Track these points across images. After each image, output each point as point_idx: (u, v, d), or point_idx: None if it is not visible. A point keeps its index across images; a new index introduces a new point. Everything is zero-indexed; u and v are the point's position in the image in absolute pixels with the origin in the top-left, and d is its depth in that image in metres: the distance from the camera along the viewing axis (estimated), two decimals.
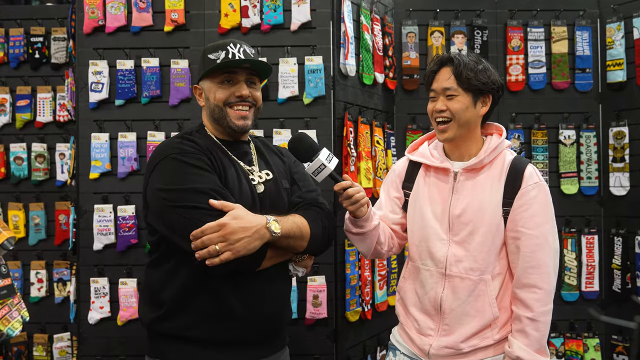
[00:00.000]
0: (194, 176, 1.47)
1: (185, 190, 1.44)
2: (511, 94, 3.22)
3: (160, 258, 1.56)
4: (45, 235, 3.24)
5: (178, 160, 1.49)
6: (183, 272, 1.51)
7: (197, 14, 2.77)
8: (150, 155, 1.60)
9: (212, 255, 1.39)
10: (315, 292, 2.66)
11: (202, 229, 1.39)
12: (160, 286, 1.54)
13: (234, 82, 1.60)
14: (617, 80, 3.12)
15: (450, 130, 1.66)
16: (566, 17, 3.23)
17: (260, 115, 1.74)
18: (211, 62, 1.59)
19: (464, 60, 1.64)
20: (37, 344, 3.18)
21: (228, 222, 1.40)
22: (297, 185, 1.73)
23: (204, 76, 1.63)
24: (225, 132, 1.65)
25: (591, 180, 3.18)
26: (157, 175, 1.50)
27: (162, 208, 1.47)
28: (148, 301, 1.59)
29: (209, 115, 1.65)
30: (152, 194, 1.50)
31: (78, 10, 2.80)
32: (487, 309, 1.62)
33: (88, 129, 2.75)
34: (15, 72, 3.28)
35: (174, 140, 1.59)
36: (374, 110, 3.04)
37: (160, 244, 1.55)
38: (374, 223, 1.71)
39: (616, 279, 3.09)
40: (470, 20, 3.23)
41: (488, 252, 1.63)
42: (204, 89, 1.65)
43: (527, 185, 1.62)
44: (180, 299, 1.51)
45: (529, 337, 1.56)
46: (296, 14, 2.72)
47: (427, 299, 1.69)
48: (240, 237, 1.40)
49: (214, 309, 1.50)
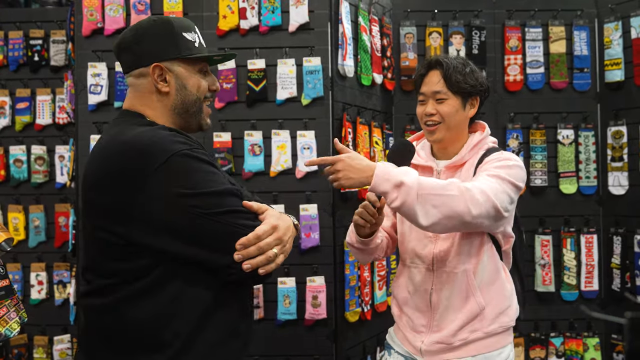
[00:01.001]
0: (215, 176, 1.21)
1: (219, 193, 1.19)
2: (509, 94, 3.23)
3: (152, 286, 1.18)
4: (45, 238, 3.24)
5: (193, 158, 1.18)
6: (193, 298, 1.20)
7: (195, 15, 2.78)
8: (127, 153, 1.18)
9: (270, 262, 1.20)
10: (314, 293, 2.66)
11: (256, 234, 1.18)
12: (161, 321, 1.18)
13: (207, 74, 1.36)
14: (615, 79, 3.13)
15: (439, 132, 1.68)
16: (564, 17, 3.23)
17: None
18: (189, 44, 1.31)
19: (453, 64, 1.66)
20: (38, 346, 3.18)
21: (278, 223, 1.23)
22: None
23: (175, 58, 1.29)
24: (182, 127, 1.34)
25: (590, 179, 3.19)
26: (168, 178, 1.15)
27: (188, 219, 1.15)
28: (132, 351, 1.19)
29: (174, 105, 1.31)
30: (166, 202, 1.14)
31: (77, 13, 2.81)
32: (472, 300, 1.64)
33: (87, 131, 2.75)
34: (14, 74, 3.28)
35: (161, 132, 1.22)
36: (372, 111, 3.04)
37: (152, 268, 1.18)
38: (377, 242, 1.75)
39: (615, 278, 3.09)
40: (468, 20, 3.23)
41: (470, 243, 1.65)
42: (175, 74, 1.30)
43: (493, 156, 1.63)
44: (196, 327, 1.20)
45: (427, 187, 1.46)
46: (294, 15, 2.73)
47: (417, 296, 1.72)
48: (289, 237, 1.27)
49: (230, 331, 1.27)
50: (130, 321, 1.19)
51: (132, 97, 1.33)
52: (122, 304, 1.19)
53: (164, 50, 1.28)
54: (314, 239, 2.68)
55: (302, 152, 2.69)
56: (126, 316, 1.18)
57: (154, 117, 1.31)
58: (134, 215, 1.15)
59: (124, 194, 1.16)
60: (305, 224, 2.68)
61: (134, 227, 1.16)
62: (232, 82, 2.74)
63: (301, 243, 2.68)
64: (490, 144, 1.74)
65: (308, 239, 2.68)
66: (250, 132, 2.73)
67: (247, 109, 2.76)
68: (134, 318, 1.18)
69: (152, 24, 1.31)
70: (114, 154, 1.19)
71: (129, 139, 1.20)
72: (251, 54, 2.76)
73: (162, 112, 1.31)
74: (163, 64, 1.28)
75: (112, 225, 1.18)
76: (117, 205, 1.17)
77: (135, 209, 1.15)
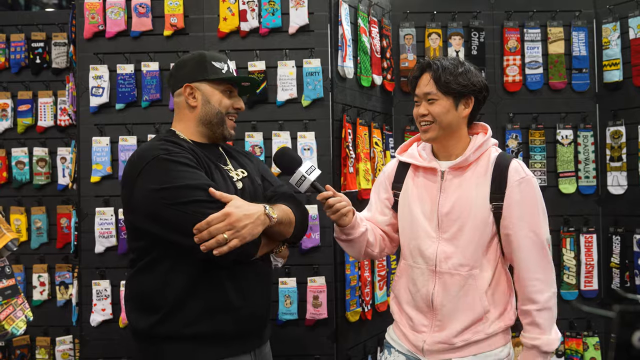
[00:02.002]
0: (186, 173, 1.50)
1: (181, 187, 1.47)
2: (508, 94, 3.24)
3: (151, 263, 1.56)
4: (47, 239, 3.26)
5: (167, 160, 1.51)
6: (182, 271, 1.53)
7: (196, 18, 2.80)
8: (130, 160, 1.59)
9: (220, 245, 1.43)
10: (315, 293, 2.67)
11: (207, 220, 1.43)
12: (155, 291, 1.54)
13: (232, 95, 1.72)
14: (614, 80, 3.14)
15: (432, 131, 1.71)
16: (562, 18, 3.25)
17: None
18: (216, 70, 1.67)
19: (443, 65, 1.69)
20: (40, 346, 3.19)
21: (232, 211, 1.45)
22: (267, 181, 1.81)
23: (203, 79, 1.67)
24: (208, 136, 1.70)
25: (589, 179, 3.20)
26: (147, 177, 1.50)
27: (158, 208, 1.47)
28: (140, 309, 1.58)
29: (200, 117, 1.67)
30: (143, 195, 1.49)
31: (78, 16, 2.82)
32: (477, 303, 1.66)
33: (89, 132, 2.77)
34: (16, 77, 3.30)
35: (154, 143, 1.60)
36: (372, 111, 3.06)
37: (150, 248, 1.55)
38: (361, 230, 1.76)
39: (615, 277, 3.10)
40: (467, 21, 3.25)
41: (476, 247, 1.67)
42: (202, 91, 1.67)
43: (513, 181, 1.66)
44: (181, 299, 1.52)
45: (541, 326, 1.65)
46: (294, 17, 2.75)
47: (419, 296, 1.73)
48: (245, 224, 1.46)
49: (215, 303, 1.54)
50: (140, 288, 1.58)
51: (175, 114, 1.73)
52: (135, 275, 1.60)
53: (195, 74, 1.67)
54: (314, 239, 2.69)
55: (302, 153, 2.70)
56: (137, 284, 1.59)
57: (184, 129, 1.69)
58: (133, 205, 1.53)
59: (128, 190, 1.54)
60: None
61: (134, 215, 1.55)
62: None
63: (302, 243, 2.70)
64: (493, 147, 1.76)
65: (309, 240, 2.69)
66: (250, 134, 2.75)
67: (248, 110, 2.77)
68: (140, 286, 1.58)
69: (191, 56, 1.72)
70: (128, 161, 1.60)
71: (136, 150, 1.64)
72: (251, 56, 2.77)
73: (191, 124, 1.69)
74: (193, 84, 1.67)
75: (126, 214, 1.61)
76: (126, 198, 1.56)
77: (133, 201, 1.53)
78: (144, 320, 1.56)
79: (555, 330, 1.67)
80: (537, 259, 1.66)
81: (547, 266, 1.67)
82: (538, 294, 1.65)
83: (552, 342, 1.64)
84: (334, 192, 1.70)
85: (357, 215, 1.76)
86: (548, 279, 1.67)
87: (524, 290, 1.67)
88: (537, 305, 1.65)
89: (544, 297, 1.65)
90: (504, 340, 1.71)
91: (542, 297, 1.65)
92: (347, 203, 1.72)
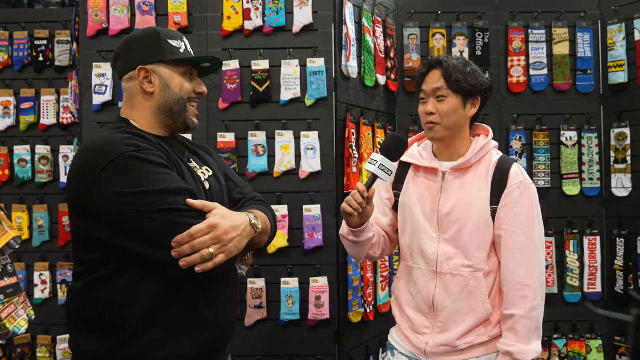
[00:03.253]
0: (161, 175, 1.28)
1: (158, 192, 1.25)
2: (513, 95, 3.23)
3: (108, 275, 1.30)
4: (48, 237, 3.25)
5: (137, 159, 1.27)
6: (148, 285, 1.30)
7: (199, 16, 2.79)
8: (83, 156, 1.31)
9: (205, 260, 1.25)
10: (317, 293, 2.66)
11: (190, 232, 1.23)
12: (114, 308, 1.30)
13: (193, 77, 1.48)
14: (619, 81, 3.13)
15: (439, 131, 1.69)
16: (567, 19, 3.24)
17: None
18: (174, 49, 1.43)
19: (453, 63, 1.67)
20: (41, 345, 3.18)
21: (219, 222, 1.27)
22: (231, 181, 1.63)
23: (160, 61, 1.42)
24: (169, 127, 1.45)
25: (593, 181, 3.19)
26: (112, 178, 1.24)
27: (126, 216, 1.23)
28: (90, 329, 1.33)
29: (159, 105, 1.42)
30: (106, 200, 1.23)
31: (82, 14, 2.82)
32: (480, 305, 1.64)
33: (91, 131, 2.76)
34: (19, 75, 3.30)
35: (116, 136, 1.33)
36: (375, 112, 3.05)
37: (107, 259, 1.30)
38: (369, 235, 1.74)
39: (619, 280, 3.09)
40: (471, 22, 3.24)
41: (478, 249, 1.65)
42: (159, 75, 1.42)
43: (512, 184, 1.65)
44: (146, 316, 1.30)
45: (518, 334, 1.59)
46: (298, 16, 2.74)
47: (420, 297, 1.71)
48: (232, 237, 1.29)
49: (185, 320, 1.34)
50: (92, 304, 1.32)
51: (125, 102, 1.47)
52: (87, 289, 1.33)
53: (149, 55, 1.42)
54: (317, 240, 2.68)
55: (305, 152, 2.69)
56: (89, 299, 1.32)
57: (140, 119, 1.43)
58: (89, 210, 1.27)
59: (81, 192, 1.27)
60: (309, 224, 2.69)
61: (90, 222, 1.28)
62: (236, 83, 2.75)
63: (304, 243, 2.69)
64: (494, 149, 1.74)
65: (311, 240, 2.68)
66: (254, 133, 2.74)
67: (251, 109, 2.77)
68: (95, 302, 1.32)
69: (141, 33, 1.46)
70: (76, 156, 1.33)
71: (88, 142, 1.34)
72: (255, 55, 2.77)
73: (148, 112, 1.43)
74: (148, 66, 1.41)
75: (77, 220, 1.33)
76: (78, 201, 1.30)
77: (89, 205, 1.26)
78: (99, 343, 1.31)
79: (536, 343, 1.60)
80: (527, 265, 1.61)
81: (536, 274, 1.62)
82: (523, 300, 1.59)
83: (527, 352, 1.57)
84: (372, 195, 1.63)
85: (370, 221, 1.74)
86: (536, 287, 1.61)
87: (510, 294, 1.61)
88: (519, 311, 1.59)
89: (529, 305, 1.59)
90: None
91: (527, 304, 1.59)
92: (372, 210, 1.68)
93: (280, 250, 2.69)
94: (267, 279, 2.71)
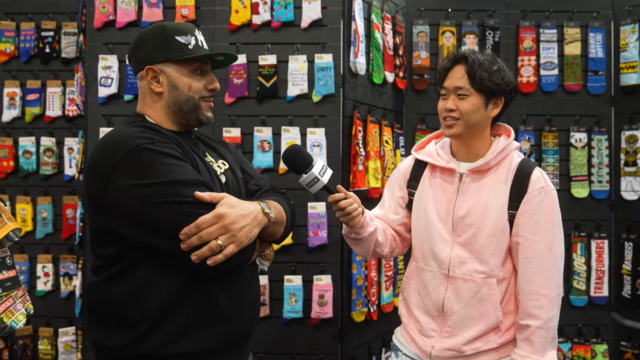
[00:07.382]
0: (175, 167, 1.27)
1: (171, 184, 1.24)
2: (522, 95, 3.19)
3: (125, 270, 1.31)
4: (52, 229, 3.24)
5: (151, 151, 1.26)
6: (165, 279, 1.29)
7: (207, 10, 2.77)
8: (99, 150, 1.31)
9: (214, 252, 1.23)
10: (321, 292, 2.64)
11: (195, 223, 1.22)
12: (130, 302, 1.30)
13: (204, 73, 1.45)
14: (631, 83, 3.08)
15: (457, 128, 1.62)
16: (579, 19, 3.19)
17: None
18: (181, 46, 1.40)
19: (479, 60, 1.59)
20: (43, 337, 3.18)
21: (226, 212, 1.24)
22: (247, 174, 1.61)
23: (167, 60, 1.40)
24: (181, 123, 1.45)
25: (602, 184, 3.15)
26: (127, 171, 1.24)
27: (140, 207, 1.22)
28: (108, 323, 1.34)
29: (168, 104, 1.41)
30: (121, 192, 1.23)
31: (89, 5, 2.80)
32: (491, 312, 1.60)
33: (97, 123, 2.75)
34: (25, 66, 3.28)
35: (130, 130, 1.33)
36: (383, 109, 3.02)
37: (124, 254, 1.30)
38: (370, 230, 1.70)
39: (626, 284, 3.05)
40: (482, 20, 3.20)
41: (493, 255, 1.60)
42: (166, 74, 1.40)
43: (533, 189, 1.58)
44: (163, 311, 1.29)
45: (534, 345, 1.55)
46: (307, 11, 2.71)
47: (429, 300, 1.67)
48: (242, 226, 1.26)
49: (202, 315, 1.32)
50: (108, 298, 1.32)
51: (139, 99, 1.47)
52: (104, 283, 1.33)
53: (156, 54, 1.40)
54: (321, 237, 2.66)
55: (312, 149, 2.67)
56: (106, 294, 1.33)
57: (154, 116, 1.43)
58: (105, 204, 1.26)
59: (98, 186, 1.27)
60: (314, 222, 2.66)
61: (106, 216, 1.28)
62: (243, 78, 2.73)
63: (309, 241, 2.67)
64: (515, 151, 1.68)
65: (316, 237, 2.66)
66: (259, 128, 2.71)
67: (257, 104, 2.74)
68: (111, 296, 1.32)
69: (148, 31, 1.44)
70: (93, 151, 1.33)
71: (104, 137, 1.34)
72: (262, 50, 2.74)
73: (160, 111, 1.43)
74: (155, 66, 1.40)
75: (94, 214, 1.33)
76: (94, 195, 1.30)
77: (105, 199, 1.26)
78: (116, 338, 1.31)
79: (551, 353, 1.56)
80: (546, 274, 1.56)
81: (554, 284, 1.57)
82: (539, 310, 1.55)
83: None
84: (345, 194, 1.61)
85: (366, 215, 1.70)
86: (553, 297, 1.56)
87: (526, 303, 1.57)
88: (536, 322, 1.55)
89: (545, 316, 1.55)
90: (514, 348, 1.66)
91: (544, 315, 1.55)
92: (358, 204, 1.65)
93: (284, 248, 2.67)
94: (270, 276, 2.69)
